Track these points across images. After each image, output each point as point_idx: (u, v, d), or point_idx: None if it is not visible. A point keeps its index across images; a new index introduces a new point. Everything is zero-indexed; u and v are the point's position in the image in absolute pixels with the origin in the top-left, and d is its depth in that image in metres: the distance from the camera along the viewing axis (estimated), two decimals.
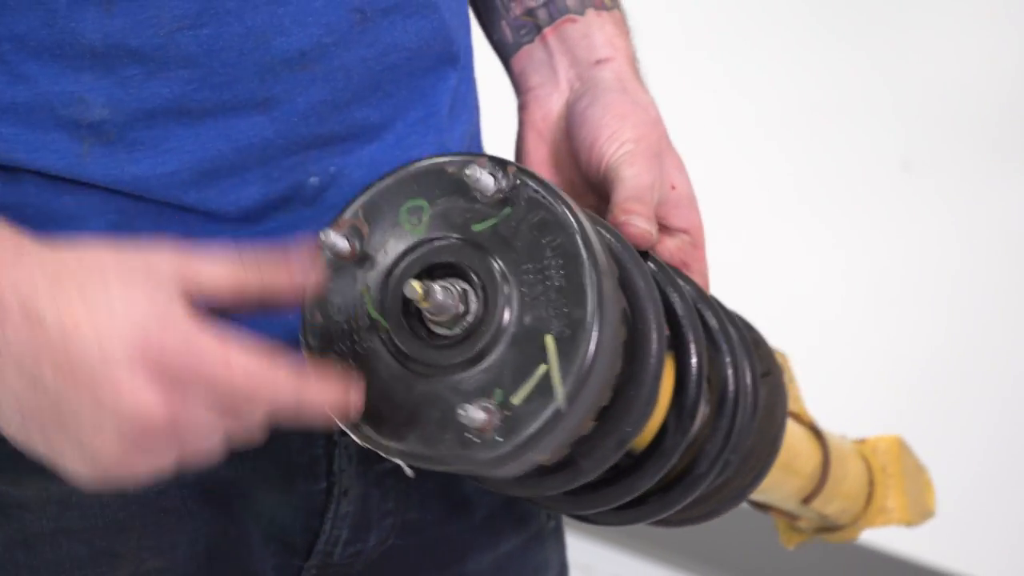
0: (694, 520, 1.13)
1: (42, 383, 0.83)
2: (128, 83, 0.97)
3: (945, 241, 2.70)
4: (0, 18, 0.95)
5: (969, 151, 2.58)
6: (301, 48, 1.00)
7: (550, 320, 0.89)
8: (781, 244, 2.65)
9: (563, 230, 0.91)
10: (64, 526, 1.04)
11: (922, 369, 2.76)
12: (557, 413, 0.86)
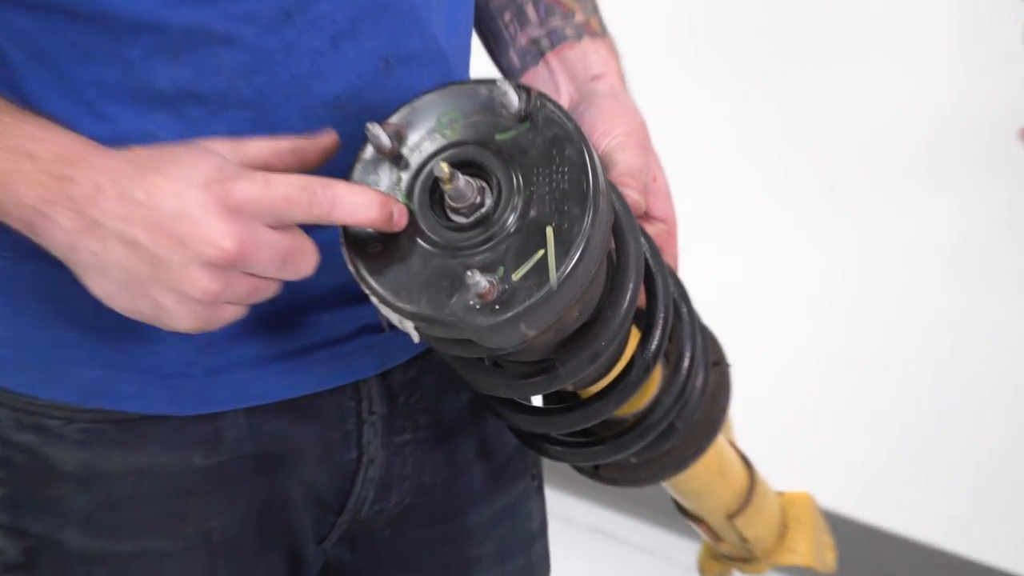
0: (641, 482, 1.20)
1: (138, 244, 0.95)
2: (193, 122, 1.06)
3: (868, 257, 2.78)
4: (85, 67, 1.04)
5: (892, 174, 2.64)
6: (336, 92, 1.09)
7: (552, 215, 0.97)
8: (712, 262, 2.68)
9: (572, 143, 0.98)
10: (142, 492, 1.14)
11: (845, 376, 2.81)
12: (549, 291, 0.94)
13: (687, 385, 1.14)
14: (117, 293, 0.99)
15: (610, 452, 1.15)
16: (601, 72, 1.25)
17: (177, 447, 1.16)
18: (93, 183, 0.98)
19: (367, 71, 1.13)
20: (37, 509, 1.18)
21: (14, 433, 1.16)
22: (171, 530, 1.18)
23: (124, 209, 0.97)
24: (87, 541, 1.17)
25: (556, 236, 0.96)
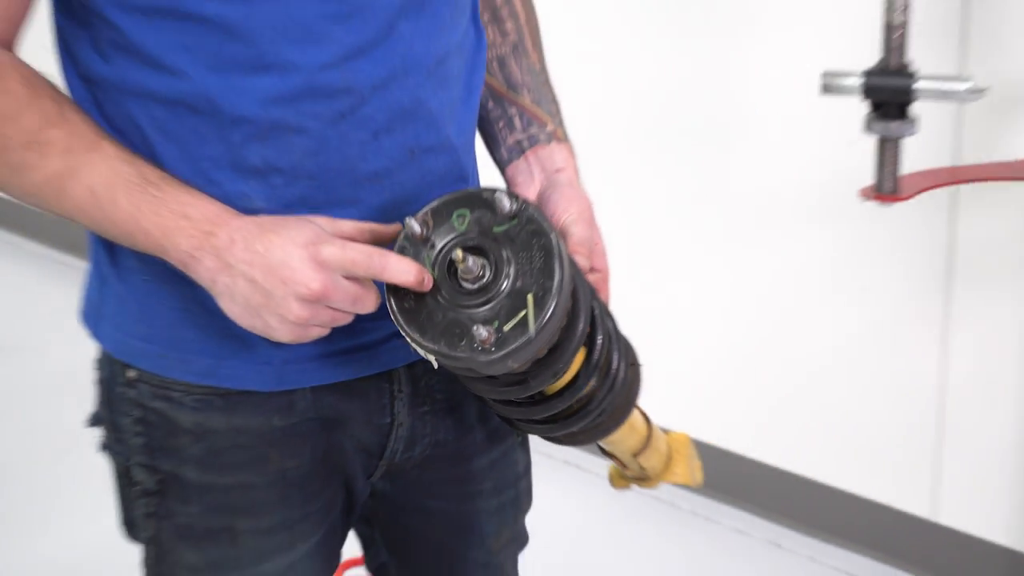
0: (582, 443, 1.37)
1: (256, 281, 1.13)
2: (275, 188, 1.23)
3: (754, 278, 2.91)
4: (201, 146, 1.20)
5: (772, 220, 2.73)
6: (376, 170, 1.25)
7: (532, 285, 1.13)
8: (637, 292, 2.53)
9: (546, 236, 1.15)
10: (237, 443, 1.33)
11: (734, 359, 2.94)
12: (529, 338, 1.11)
13: (614, 383, 1.29)
14: (240, 313, 1.16)
15: (560, 428, 1.31)
16: (562, 167, 1.38)
17: (262, 413, 1.33)
18: (229, 237, 1.15)
19: (398, 157, 1.27)
20: (165, 453, 1.33)
21: (149, 401, 1.32)
22: (258, 469, 1.34)
23: (248, 256, 1.14)
24: (200, 475, 1.33)
25: (534, 300, 1.13)
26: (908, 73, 1.87)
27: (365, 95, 1.23)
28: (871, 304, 2.72)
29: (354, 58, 1.21)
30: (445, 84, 1.31)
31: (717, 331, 2.96)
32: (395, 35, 1.23)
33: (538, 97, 1.43)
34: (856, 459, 2.83)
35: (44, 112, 1.18)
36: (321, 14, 1.18)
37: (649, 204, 2.93)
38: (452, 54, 1.32)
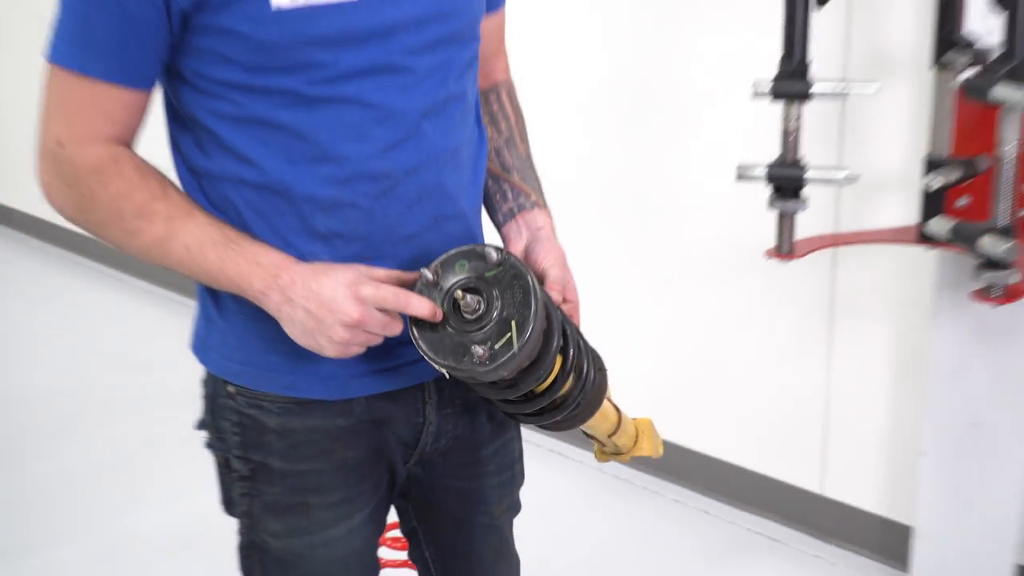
0: (563, 428, 1.34)
1: (311, 312, 1.16)
2: (336, 248, 1.24)
3: (687, 317, 2.82)
4: (281, 219, 1.22)
5: (703, 274, 2.65)
6: (409, 234, 1.26)
7: (514, 314, 1.15)
8: (596, 320, 2.83)
9: (524, 278, 1.17)
10: (310, 439, 1.32)
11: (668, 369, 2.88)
12: (513, 353, 1.13)
13: (585, 383, 1.28)
14: (299, 335, 1.18)
15: (548, 418, 1.30)
16: (542, 226, 1.39)
17: (329, 416, 1.32)
18: (290, 278, 1.17)
19: (425, 223, 1.27)
20: (256, 448, 1.33)
21: (245, 408, 1.31)
22: (325, 459, 1.33)
23: (305, 293, 1.16)
24: (282, 464, 1.33)
25: (517, 326, 1.15)
26: (800, 165, 1.88)
27: (400, 178, 1.23)
28: (775, 332, 2.71)
29: (391, 151, 1.22)
30: (458, 169, 1.31)
31: (662, 351, 2.94)
32: (420, 133, 1.24)
33: (524, 176, 1.43)
34: (765, 448, 2.81)
35: (151, 190, 1.19)
36: (366, 119, 1.19)
37: (614, 260, 2.91)
38: (463, 146, 1.32)
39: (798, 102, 1.85)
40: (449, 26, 1.25)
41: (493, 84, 1.48)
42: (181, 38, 1.16)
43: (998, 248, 1.69)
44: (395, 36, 1.19)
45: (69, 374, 3.88)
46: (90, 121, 1.18)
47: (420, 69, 1.22)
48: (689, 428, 2.89)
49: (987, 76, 1.64)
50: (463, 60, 1.29)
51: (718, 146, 2.65)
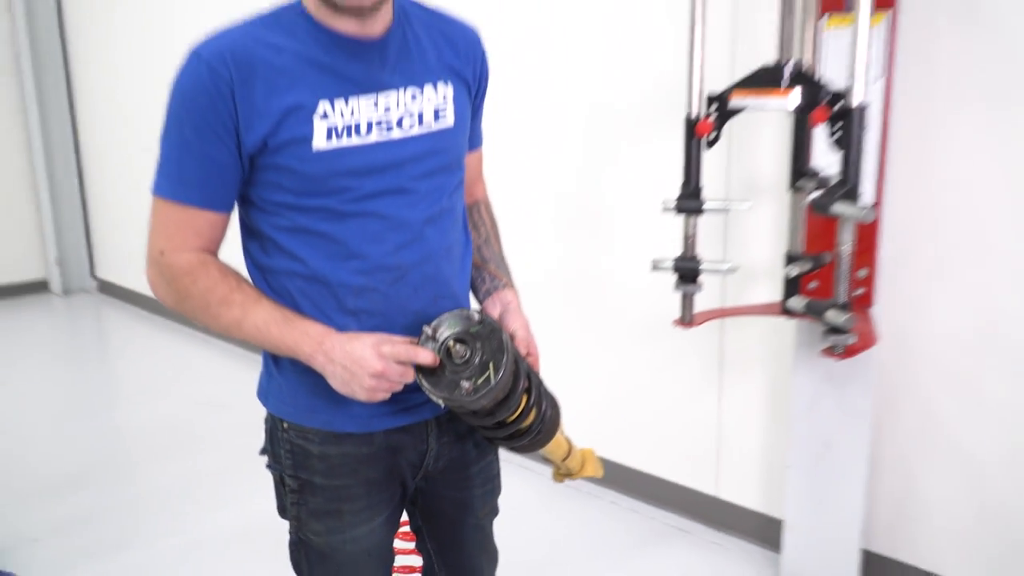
0: (527, 451, 1.33)
1: (347, 367, 1.15)
2: (362, 321, 1.22)
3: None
4: (322, 300, 1.21)
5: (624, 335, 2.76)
6: (416, 309, 1.24)
7: (492, 358, 1.14)
8: (549, 370, 2.75)
9: (499, 332, 1.16)
10: (343, 462, 1.29)
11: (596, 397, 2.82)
12: (491, 387, 1.12)
13: (544, 416, 1.27)
14: (339, 385, 1.17)
15: (515, 442, 1.29)
16: (511, 300, 1.36)
17: (357, 445, 1.29)
18: (331, 344, 1.16)
19: (427, 302, 1.25)
20: (303, 468, 1.31)
21: (295, 440, 1.30)
22: (354, 476, 1.31)
23: (342, 354, 1.16)
24: (323, 481, 1.30)
25: (493, 367, 1.14)
26: (696, 260, 1.88)
27: (408, 269, 1.23)
28: (682, 378, 2.68)
29: (401, 250, 1.22)
30: (451, 262, 1.30)
31: (600, 392, 2.91)
32: (423, 237, 1.23)
33: (498, 266, 1.41)
34: (676, 461, 2.78)
35: (229, 285, 1.19)
36: (383, 227, 1.19)
37: (565, 326, 2.89)
38: (454, 245, 1.31)
39: (694, 215, 1.86)
40: (441, 160, 1.25)
41: (475, 201, 1.48)
42: (250, 174, 1.17)
43: (839, 319, 1.70)
44: (404, 167, 1.20)
45: (165, 410, 3.85)
46: (184, 236, 1.18)
47: (422, 190, 1.22)
48: (621, 448, 2.86)
49: (829, 196, 1.65)
50: (453, 183, 1.29)
51: (638, 246, 2.65)
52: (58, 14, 5.68)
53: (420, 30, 1.24)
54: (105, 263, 5.93)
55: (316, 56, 1.13)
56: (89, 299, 5.88)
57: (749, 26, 2.28)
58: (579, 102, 2.74)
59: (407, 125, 1.19)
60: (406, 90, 1.19)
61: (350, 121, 1.14)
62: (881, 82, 1.85)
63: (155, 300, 4.71)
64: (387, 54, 1.18)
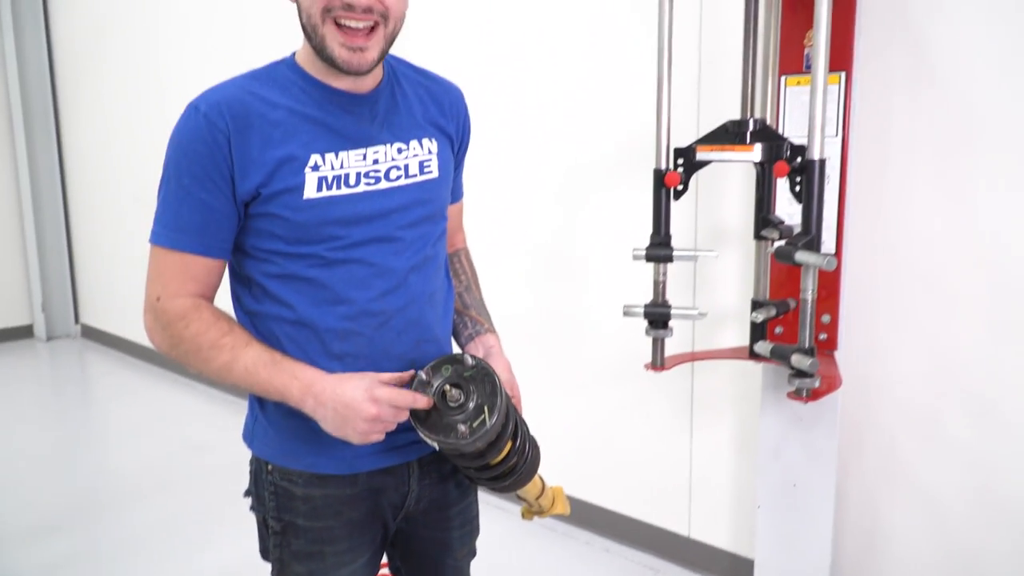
0: (508, 491, 1.30)
1: (339, 411, 1.12)
2: (348, 364, 1.21)
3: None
4: (309, 345, 1.20)
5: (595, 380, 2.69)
6: (400, 353, 1.24)
7: (485, 401, 1.13)
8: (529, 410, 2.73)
9: (492, 376, 1.16)
10: (326, 503, 1.28)
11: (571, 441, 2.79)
12: (486, 430, 1.12)
13: (526, 458, 1.27)
14: (331, 429, 1.14)
15: (499, 483, 1.27)
16: (493, 344, 1.36)
17: (340, 486, 1.28)
18: (321, 387, 1.14)
19: (410, 344, 1.25)
20: (286, 510, 1.29)
21: (279, 481, 1.28)
22: (336, 518, 1.29)
23: (333, 397, 1.13)
24: (305, 522, 1.28)
25: (487, 410, 1.13)
26: (666, 306, 1.88)
27: (392, 314, 1.22)
28: (653, 420, 2.69)
29: (386, 295, 1.21)
30: (434, 307, 1.30)
31: (574, 432, 2.89)
32: (407, 283, 1.23)
33: (479, 312, 1.41)
34: (648, 502, 2.76)
35: (220, 329, 1.17)
36: (369, 274, 1.19)
37: (543, 369, 2.87)
38: (437, 291, 1.31)
39: (664, 263, 1.86)
40: (426, 210, 1.26)
41: (456, 250, 1.49)
42: (244, 221, 1.18)
43: (804, 364, 1.70)
44: (390, 217, 1.21)
45: (148, 453, 3.79)
46: (180, 282, 1.17)
47: (407, 239, 1.23)
48: (594, 488, 2.85)
49: (791, 246, 1.66)
50: (436, 233, 1.30)
51: (611, 292, 2.67)
52: (49, 66, 5.68)
53: (408, 87, 1.27)
54: (89, 309, 5.86)
55: (309, 111, 1.16)
56: (72, 344, 5.80)
57: (713, 84, 2.32)
58: (554, 156, 2.78)
59: (394, 176, 1.21)
60: (393, 144, 1.21)
61: (340, 172, 1.16)
62: (839, 137, 1.88)
63: (138, 345, 4.68)
64: (376, 109, 1.21)
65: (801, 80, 1.92)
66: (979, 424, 1.99)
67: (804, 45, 1.91)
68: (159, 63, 4.60)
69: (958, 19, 1.89)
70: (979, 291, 1.94)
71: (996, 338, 1.93)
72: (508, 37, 2.83)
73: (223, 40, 4.10)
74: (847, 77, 1.86)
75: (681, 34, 2.19)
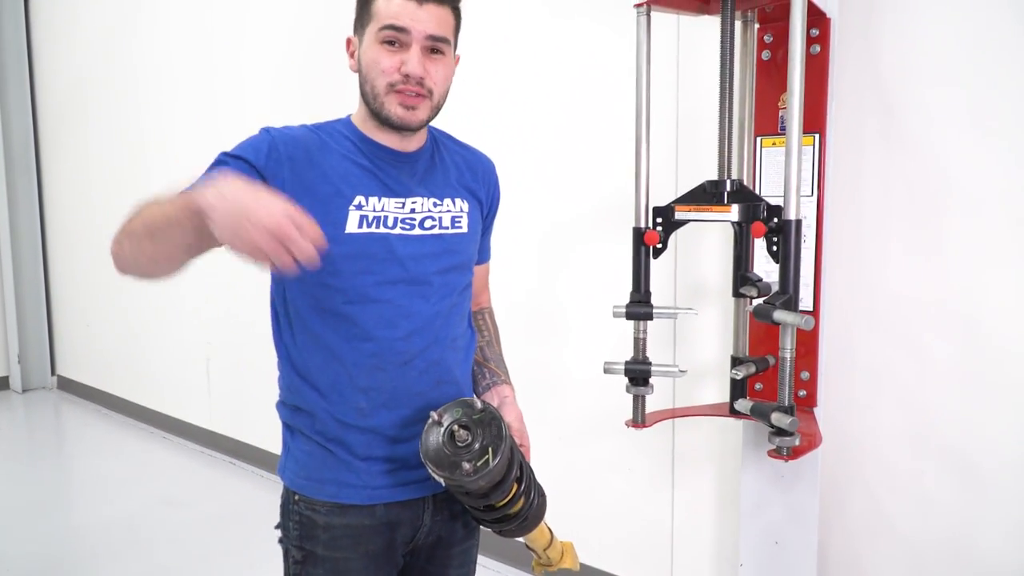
0: (514, 535, 1.35)
1: (236, 207, 0.93)
2: (372, 398, 1.27)
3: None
4: (338, 377, 1.27)
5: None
6: (420, 391, 1.30)
7: (490, 443, 1.19)
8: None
9: (499, 420, 1.21)
10: (346, 534, 1.33)
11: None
12: (490, 469, 1.17)
13: (532, 503, 1.31)
14: (223, 226, 0.94)
15: (504, 525, 1.32)
16: (508, 395, 1.43)
17: (359, 517, 1.33)
18: (231, 186, 0.97)
19: (431, 385, 1.32)
20: (308, 538, 1.34)
21: (303, 511, 1.34)
22: (356, 549, 1.34)
23: (235, 193, 0.95)
24: (325, 552, 1.33)
25: (492, 451, 1.19)
26: (647, 363, 1.87)
27: (416, 354, 1.29)
28: (635, 476, 2.67)
29: (411, 336, 1.28)
30: (455, 351, 1.37)
31: (556, 489, 2.84)
32: (431, 326, 1.31)
33: (497, 365, 1.49)
34: (630, 558, 2.74)
35: (147, 205, 1.08)
36: (395, 315, 1.27)
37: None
38: (459, 337, 1.38)
39: (644, 320, 1.86)
40: (455, 259, 1.35)
41: (480, 308, 1.57)
42: None
43: (784, 422, 1.70)
44: (422, 261, 1.29)
45: (122, 508, 3.71)
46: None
47: (435, 284, 1.31)
48: (575, 543, 2.80)
49: (770, 305, 1.67)
50: (463, 283, 1.38)
51: (591, 347, 2.67)
52: (33, 119, 5.69)
53: (446, 154, 1.41)
54: (66, 360, 5.79)
55: (359, 159, 1.29)
56: (48, 396, 5.71)
57: (691, 143, 2.36)
58: (536, 213, 2.81)
59: (428, 225, 1.31)
60: (429, 198, 1.33)
61: (380, 214, 1.26)
62: (815, 197, 1.91)
63: (115, 397, 4.62)
64: (417, 167, 1.34)
65: (776, 141, 1.96)
66: (958, 481, 1.99)
67: (779, 107, 1.95)
68: (139, 119, 4.64)
69: (928, 83, 1.94)
70: (953, 348, 1.96)
71: (970, 395, 1.95)
72: (489, 98, 2.87)
73: (200, 97, 4.16)
74: (821, 138, 1.89)
75: (659, 95, 2.23)
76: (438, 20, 1.25)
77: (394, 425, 1.29)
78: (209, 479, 4.07)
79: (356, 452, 1.30)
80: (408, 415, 1.29)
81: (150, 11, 4.51)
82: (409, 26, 1.23)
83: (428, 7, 1.23)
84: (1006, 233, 1.87)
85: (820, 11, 1.84)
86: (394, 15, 1.23)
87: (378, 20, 1.24)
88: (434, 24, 1.24)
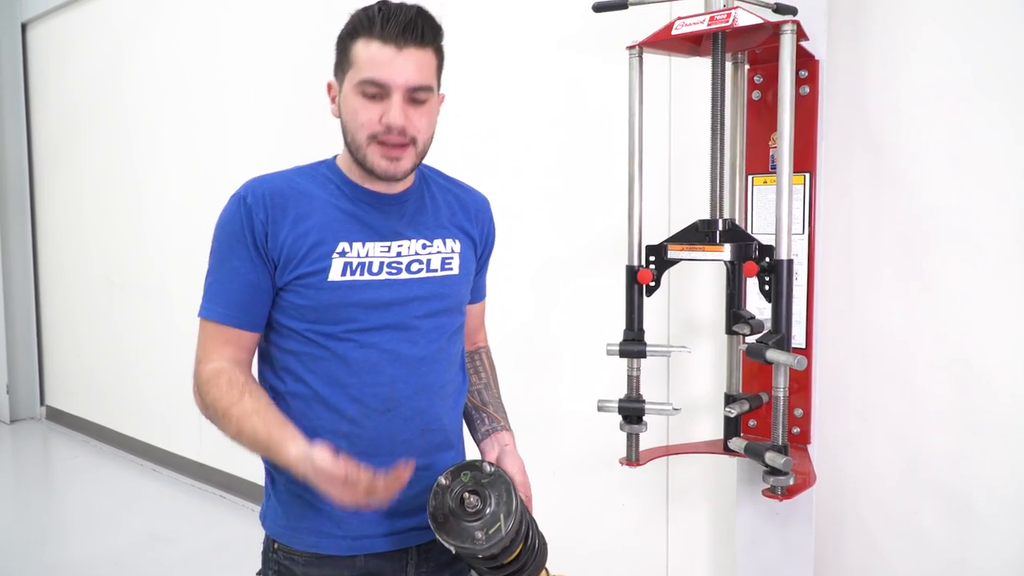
0: None
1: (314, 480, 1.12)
2: (354, 444, 1.24)
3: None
4: (319, 421, 1.25)
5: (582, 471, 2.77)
6: (405, 439, 1.28)
7: (502, 509, 1.19)
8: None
9: (509, 485, 1.21)
10: (330, 572, 1.30)
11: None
12: (501, 537, 1.17)
13: (536, 555, 1.30)
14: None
15: (505, 573, 1.28)
16: (508, 443, 1.42)
17: (339, 568, 1.31)
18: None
19: (415, 432, 1.30)
20: None
21: (282, 560, 1.32)
22: None
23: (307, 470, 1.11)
24: None
25: (503, 517, 1.18)
26: (640, 401, 1.87)
27: (402, 401, 1.27)
28: (629, 513, 2.66)
29: (397, 382, 1.27)
30: (444, 399, 1.34)
31: (549, 526, 2.84)
32: (419, 372, 1.28)
33: (496, 409, 1.47)
34: None
35: (231, 398, 1.22)
36: (382, 359, 1.25)
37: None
38: (448, 384, 1.35)
39: (638, 358, 1.87)
40: (444, 303, 1.32)
41: (476, 347, 1.55)
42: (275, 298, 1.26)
43: (778, 462, 1.70)
44: (408, 306, 1.27)
45: (110, 543, 3.66)
46: (215, 345, 1.25)
47: (423, 328, 1.29)
48: None
49: (762, 344, 1.68)
50: (453, 326, 1.35)
51: (585, 384, 2.67)
52: (28, 150, 5.70)
53: (437, 192, 1.38)
54: (56, 391, 5.75)
55: (342, 205, 1.27)
56: (37, 427, 5.66)
57: (683, 182, 2.38)
58: (529, 250, 2.82)
59: (415, 269, 1.29)
60: (418, 240, 1.31)
61: (364, 260, 1.25)
62: (806, 235, 1.92)
63: (104, 428, 4.60)
64: (405, 209, 1.32)
65: (767, 179, 1.98)
66: (951, 517, 1.98)
67: (769, 146, 1.97)
68: (132, 153, 4.66)
69: (916, 123, 1.97)
70: (944, 385, 1.97)
71: (962, 431, 1.95)
72: (482, 134, 2.89)
73: (191, 133, 4.18)
74: (811, 177, 1.91)
75: (652, 135, 2.25)
76: (418, 66, 1.20)
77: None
78: (199, 513, 4.03)
79: None
80: (391, 464, 1.21)
81: (145, 47, 4.55)
82: (388, 80, 1.18)
83: (408, 52, 1.18)
84: (995, 270, 1.88)
85: (809, 53, 1.87)
86: (373, 66, 1.18)
87: (357, 69, 1.20)
88: (414, 72, 1.19)
